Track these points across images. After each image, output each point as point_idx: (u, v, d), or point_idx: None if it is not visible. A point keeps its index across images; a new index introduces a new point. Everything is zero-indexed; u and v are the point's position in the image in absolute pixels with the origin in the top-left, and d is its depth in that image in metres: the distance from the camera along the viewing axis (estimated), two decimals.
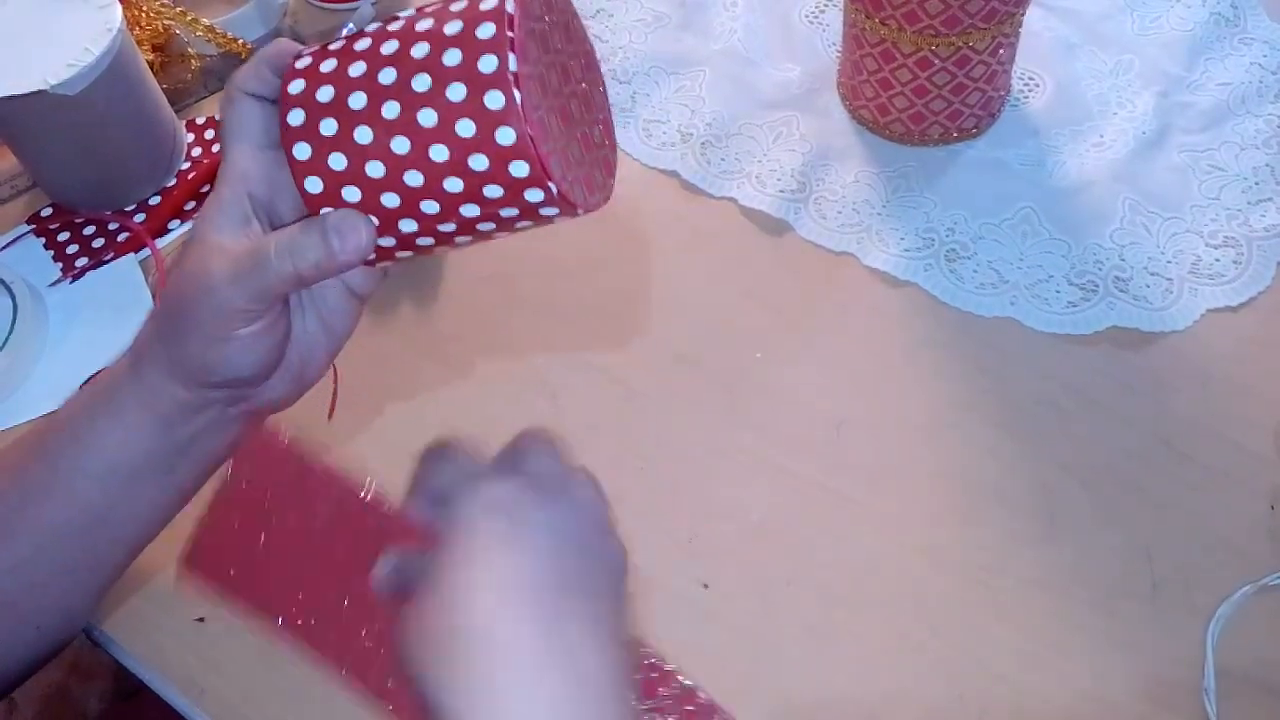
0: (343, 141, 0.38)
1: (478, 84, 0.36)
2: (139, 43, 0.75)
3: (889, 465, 0.58)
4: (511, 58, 0.35)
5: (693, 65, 0.77)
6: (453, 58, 0.36)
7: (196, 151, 0.77)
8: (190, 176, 0.75)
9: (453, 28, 0.37)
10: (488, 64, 0.36)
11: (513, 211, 0.39)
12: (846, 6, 0.67)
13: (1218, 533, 0.54)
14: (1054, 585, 0.53)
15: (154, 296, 0.69)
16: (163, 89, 0.75)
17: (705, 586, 0.54)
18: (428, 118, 0.37)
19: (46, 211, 0.75)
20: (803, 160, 0.70)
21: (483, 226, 0.40)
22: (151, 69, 0.74)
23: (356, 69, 0.38)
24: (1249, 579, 0.52)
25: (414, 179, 0.38)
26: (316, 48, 0.40)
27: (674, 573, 0.55)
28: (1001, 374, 0.60)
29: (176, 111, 0.78)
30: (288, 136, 0.39)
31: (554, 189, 0.37)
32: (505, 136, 0.36)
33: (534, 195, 0.38)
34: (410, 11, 0.39)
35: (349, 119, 0.38)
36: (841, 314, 0.64)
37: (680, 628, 0.53)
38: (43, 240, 0.73)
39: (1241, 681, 0.49)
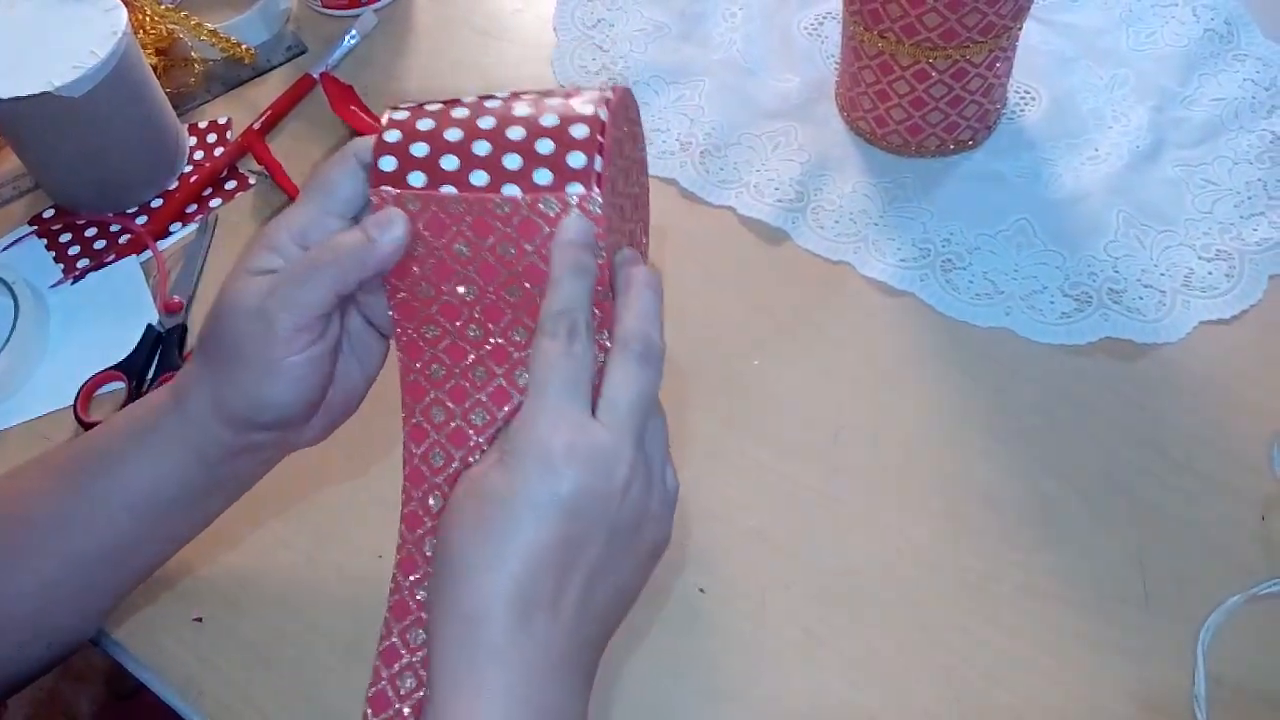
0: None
1: (564, 175, 0.39)
2: (143, 46, 0.76)
3: (885, 472, 0.58)
4: (598, 159, 0.39)
5: (692, 75, 0.78)
6: (545, 147, 0.40)
7: (199, 155, 0.77)
8: (192, 179, 0.75)
9: (549, 121, 0.40)
10: (576, 160, 0.39)
11: None
12: (845, 19, 0.68)
13: (1210, 541, 0.54)
14: (1047, 591, 0.53)
15: (154, 298, 0.69)
16: (166, 92, 0.75)
17: (701, 591, 0.55)
18: (511, 190, 0.40)
19: (49, 213, 0.75)
20: (801, 170, 0.71)
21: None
22: (155, 72, 0.74)
23: (453, 134, 0.41)
24: (1240, 588, 0.52)
25: None
26: (414, 105, 0.42)
27: (671, 577, 0.55)
28: (996, 383, 0.61)
29: (179, 115, 0.78)
30: (375, 179, 0.41)
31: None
32: None
33: None
34: (505, 93, 0.42)
35: (438, 178, 0.40)
36: (838, 323, 0.64)
37: (676, 632, 0.53)
38: (45, 241, 0.73)
39: (1232, 689, 0.50)
